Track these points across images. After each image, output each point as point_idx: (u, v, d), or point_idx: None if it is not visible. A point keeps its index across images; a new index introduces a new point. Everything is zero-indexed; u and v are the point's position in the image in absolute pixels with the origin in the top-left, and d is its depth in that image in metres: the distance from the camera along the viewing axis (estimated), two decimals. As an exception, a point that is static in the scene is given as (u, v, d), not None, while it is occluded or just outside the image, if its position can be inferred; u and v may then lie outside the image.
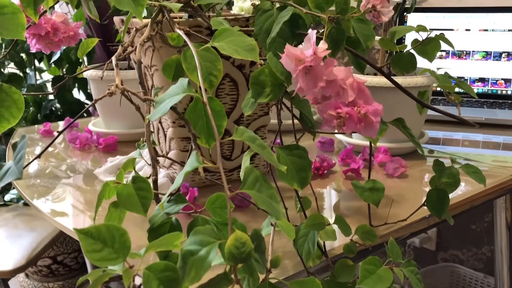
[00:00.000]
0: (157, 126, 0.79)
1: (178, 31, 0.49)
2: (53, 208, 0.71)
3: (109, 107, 1.00)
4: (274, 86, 0.51)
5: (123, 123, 1.00)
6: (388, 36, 0.54)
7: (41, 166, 0.88)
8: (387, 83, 0.83)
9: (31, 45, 0.70)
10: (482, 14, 1.34)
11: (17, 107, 0.44)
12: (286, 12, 0.52)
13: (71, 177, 0.84)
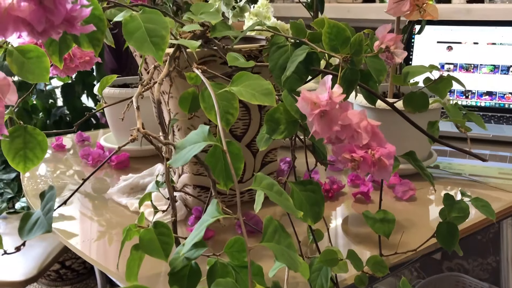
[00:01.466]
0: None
1: (196, 71, 0.51)
2: (64, 228, 0.72)
3: (120, 123, 1.01)
4: (288, 123, 0.52)
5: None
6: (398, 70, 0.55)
7: (53, 182, 0.90)
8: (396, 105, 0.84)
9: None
10: (490, 27, 1.35)
11: (41, 148, 0.45)
12: (301, 50, 0.53)
13: (83, 194, 0.85)
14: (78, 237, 0.70)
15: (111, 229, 0.72)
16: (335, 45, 0.50)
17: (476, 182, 0.92)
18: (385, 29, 0.52)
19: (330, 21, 0.50)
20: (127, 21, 0.45)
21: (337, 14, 1.84)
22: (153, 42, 0.46)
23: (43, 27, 0.33)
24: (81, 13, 0.35)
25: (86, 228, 0.75)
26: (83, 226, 0.76)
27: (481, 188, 0.89)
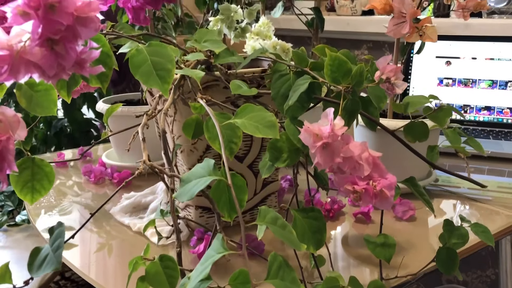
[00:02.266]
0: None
1: (200, 101, 0.52)
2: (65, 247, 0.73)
3: (122, 140, 1.02)
4: (291, 151, 0.53)
5: (136, 156, 1.02)
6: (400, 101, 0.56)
7: (55, 198, 0.91)
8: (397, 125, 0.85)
9: None
10: (489, 43, 1.36)
11: (48, 179, 0.46)
12: (303, 80, 0.54)
13: (84, 211, 0.86)
14: (79, 256, 0.71)
15: (113, 250, 0.73)
16: (336, 77, 0.51)
17: (475, 198, 0.93)
18: (386, 60, 0.53)
19: (332, 53, 0.51)
20: (134, 54, 0.46)
21: (337, 27, 1.86)
22: (159, 76, 0.46)
23: (55, 72, 0.34)
24: (90, 55, 0.36)
25: (86, 247, 0.76)
26: (84, 246, 0.76)
27: (480, 202, 0.90)
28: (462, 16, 0.92)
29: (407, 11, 0.79)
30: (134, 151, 1.03)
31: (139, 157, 1.06)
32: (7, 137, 0.37)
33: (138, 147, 1.04)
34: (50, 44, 0.33)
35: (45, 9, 0.32)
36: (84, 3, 0.33)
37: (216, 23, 0.88)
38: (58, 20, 0.32)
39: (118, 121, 1.00)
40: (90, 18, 0.33)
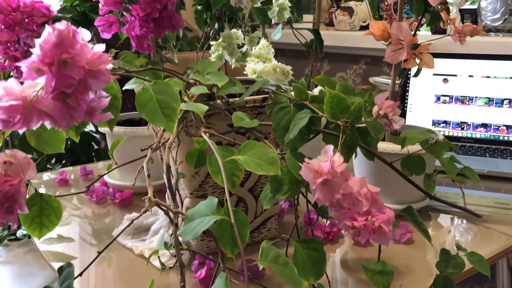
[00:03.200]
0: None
1: (204, 136, 0.53)
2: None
3: (124, 159, 1.03)
4: (292, 183, 0.55)
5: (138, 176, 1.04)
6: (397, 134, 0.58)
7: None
8: (395, 149, 0.86)
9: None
10: (485, 61, 1.38)
11: (56, 214, 0.47)
12: (304, 114, 0.55)
13: (87, 233, 0.87)
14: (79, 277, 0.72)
15: (115, 273, 0.74)
16: (336, 113, 0.52)
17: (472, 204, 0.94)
18: (383, 97, 0.54)
19: (331, 91, 0.52)
20: (140, 93, 0.48)
21: (335, 41, 1.88)
22: (164, 114, 0.48)
23: (66, 122, 0.35)
24: (100, 103, 0.37)
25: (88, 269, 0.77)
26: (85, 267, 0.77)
27: (476, 223, 0.91)
28: (459, 40, 0.94)
29: (404, 38, 0.81)
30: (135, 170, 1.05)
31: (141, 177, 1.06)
32: (19, 180, 0.39)
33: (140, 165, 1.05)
34: (63, 96, 0.34)
35: (59, 64, 0.33)
36: (95, 56, 0.35)
37: (217, 47, 0.90)
38: (70, 75, 0.33)
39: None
40: (101, 71, 0.35)
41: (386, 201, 0.90)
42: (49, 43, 0.33)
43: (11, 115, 0.34)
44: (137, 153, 0.79)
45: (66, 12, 0.88)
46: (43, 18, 0.91)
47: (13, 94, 0.35)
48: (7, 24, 0.90)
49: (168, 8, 0.74)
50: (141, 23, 0.71)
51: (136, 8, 0.71)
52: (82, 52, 0.34)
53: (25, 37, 0.88)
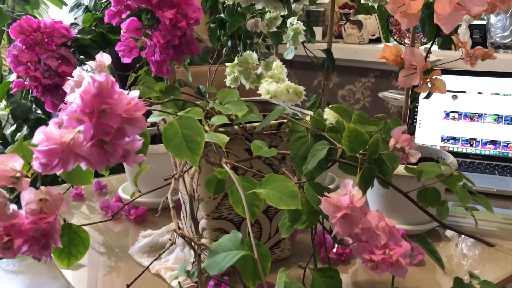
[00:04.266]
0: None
1: (225, 167, 0.55)
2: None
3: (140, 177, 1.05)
4: (310, 213, 0.56)
5: (152, 192, 1.05)
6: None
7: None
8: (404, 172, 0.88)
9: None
10: (494, 78, 1.39)
11: (84, 244, 0.49)
12: (321, 146, 0.57)
13: (101, 247, 0.89)
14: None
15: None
16: (354, 146, 0.54)
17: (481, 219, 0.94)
18: (400, 130, 0.56)
19: (350, 126, 0.54)
20: (166, 129, 0.50)
21: (344, 55, 1.90)
22: (189, 148, 0.50)
23: (103, 166, 0.37)
24: (134, 146, 0.39)
25: (106, 285, 0.78)
26: (104, 285, 0.79)
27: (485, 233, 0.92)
28: (470, 63, 0.95)
29: (417, 63, 0.83)
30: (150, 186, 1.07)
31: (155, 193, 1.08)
32: (54, 217, 0.41)
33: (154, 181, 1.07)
34: (100, 143, 0.36)
35: (98, 114, 0.35)
36: (131, 104, 0.36)
37: (233, 69, 0.92)
38: (109, 124, 0.35)
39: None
40: (137, 118, 0.36)
41: (397, 221, 0.92)
42: (89, 93, 0.34)
43: (51, 159, 0.36)
44: (153, 170, 0.80)
45: (85, 33, 0.90)
46: (63, 38, 0.94)
47: (52, 139, 0.36)
48: (27, 44, 0.92)
49: (187, 34, 0.76)
50: (161, 49, 0.73)
51: (156, 35, 0.73)
52: (120, 101, 0.35)
53: (45, 58, 0.91)
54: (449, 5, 0.75)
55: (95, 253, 0.89)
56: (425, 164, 0.60)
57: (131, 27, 0.73)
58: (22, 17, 0.93)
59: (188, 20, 0.74)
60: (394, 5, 0.79)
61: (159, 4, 0.73)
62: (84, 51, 0.93)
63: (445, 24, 0.77)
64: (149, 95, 0.73)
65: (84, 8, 1.53)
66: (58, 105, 0.95)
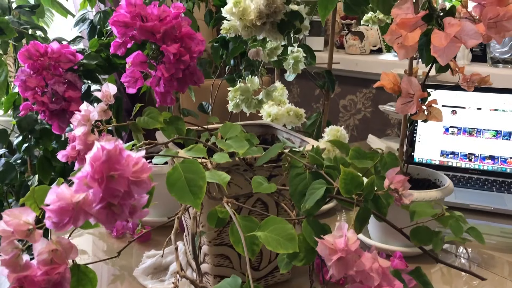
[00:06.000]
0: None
1: (226, 207, 0.57)
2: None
3: (143, 195, 1.07)
4: (308, 251, 0.59)
5: (156, 211, 1.08)
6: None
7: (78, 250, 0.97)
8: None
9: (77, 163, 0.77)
10: (493, 94, 1.41)
11: (92, 284, 0.51)
12: (319, 185, 0.59)
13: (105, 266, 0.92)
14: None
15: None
16: (349, 188, 0.56)
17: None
18: (394, 171, 0.58)
19: (346, 169, 0.56)
20: (170, 174, 0.52)
21: (346, 66, 1.92)
22: (192, 192, 0.52)
23: (111, 226, 0.39)
24: (140, 201, 0.42)
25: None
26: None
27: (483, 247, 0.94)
28: (467, 87, 0.97)
29: (414, 92, 0.85)
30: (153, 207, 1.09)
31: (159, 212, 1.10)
32: (65, 267, 0.43)
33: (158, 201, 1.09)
34: (109, 205, 0.38)
35: (107, 179, 0.37)
36: (138, 167, 0.39)
37: (235, 94, 0.94)
38: (116, 188, 0.37)
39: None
40: (143, 180, 0.39)
41: (394, 244, 0.94)
42: (98, 160, 0.37)
43: (62, 218, 0.39)
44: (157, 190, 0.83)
45: (91, 58, 0.93)
46: (69, 63, 0.96)
47: (64, 199, 0.39)
48: (35, 69, 0.95)
49: (190, 65, 0.78)
50: (165, 82, 0.76)
51: (161, 68, 0.75)
52: (127, 166, 0.38)
53: (53, 83, 0.93)
54: (445, 38, 0.77)
55: (98, 273, 0.92)
56: (418, 204, 0.62)
57: (136, 61, 0.75)
58: (30, 42, 0.96)
59: (192, 53, 0.76)
60: (392, 37, 0.81)
61: (163, 38, 0.75)
62: (90, 75, 0.95)
63: (441, 56, 0.79)
64: (153, 126, 0.75)
65: (89, 23, 1.56)
66: (65, 128, 0.98)
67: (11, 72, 2.29)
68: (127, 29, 0.76)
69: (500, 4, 0.80)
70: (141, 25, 0.74)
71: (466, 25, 0.76)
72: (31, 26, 1.74)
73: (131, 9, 0.77)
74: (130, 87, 0.79)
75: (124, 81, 0.79)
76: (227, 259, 0.80)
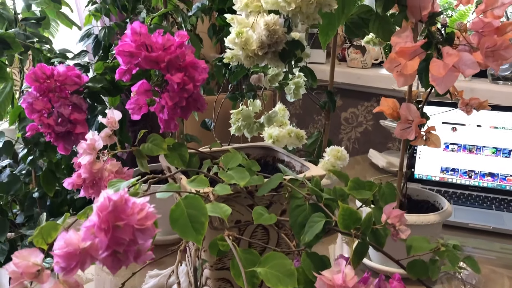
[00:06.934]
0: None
1: (227, 240, 0.59)
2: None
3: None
4: (307, 283, 0.60)
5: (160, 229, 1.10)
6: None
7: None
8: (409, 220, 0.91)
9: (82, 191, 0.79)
10: (493, 112, 1.43)
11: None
12: (319, 218, 0.61)
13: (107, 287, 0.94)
14: None
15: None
16: (348, 224, 0.58)
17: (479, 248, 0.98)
18: (391, 206, 0.59)
19: (344, 205, 0.58)
20: (173, 210, 0.54)
21: (347, 79, 1.93)
22: (194, 228, 0.54)
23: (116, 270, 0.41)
24: (144, 246, 0.43)
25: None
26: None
27: (485, 263, 0.95)
28: (466, 111, 0.99)
29: (413, 118, 0.86)
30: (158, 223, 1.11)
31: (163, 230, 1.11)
32: (71, 307, 0.45)
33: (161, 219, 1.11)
34: (114, 252, 0.40)
35: (113, 228, 0.39)
36: (142, 215, 0.40)
37: (237, 118, 0.96)
38: (122, 237, 0.39)
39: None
40: (148, 228, 0.41)
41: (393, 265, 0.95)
42: (105, 210, 0.39)
43: (69, 262, 0.40)
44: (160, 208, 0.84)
45: (96, 82, 0.94)
46: (75, 86, 0.98)
47: (71, 245, 0.41)
48: (41, 91, 0.96)
49: (194, 93, 0.80)
50: (169, 110, 0.77)
51: (165, 97, 0.77)
52: (132, 215, 0.39)
53: (59, 106, 0.95)
54: (444, 68, 0.79)
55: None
56: (415, 238, 0.64)
57: (141, 89, 0.77)
58: (37, 65, 0.98)
59: (195, 82, 0.78)
60: (391, 65, 0.83)
61: (168, 67, 0.77)
62: (95, 97, 0.97)
63: (439, 85, 0.81)
64: (157, 153, 0.77)
65: (94, 38, 1.58)
66: (70, 149, 1.00)
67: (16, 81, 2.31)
68: (132, 58, 0.78)
69: (497, 33, 0.82)
70: (146, 55, 0.75)
71: (464, 55, 0.78)
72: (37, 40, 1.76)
73: (136, 37, 0.78)
74: (135, 114, 0.81)
75: (129, 108, 0.81)
76: (229, 283, 0.82)
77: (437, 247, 0.61)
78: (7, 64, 1.86)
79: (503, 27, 0.81)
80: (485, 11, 0.82)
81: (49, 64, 1.67)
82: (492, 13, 0.82)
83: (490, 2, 0.82)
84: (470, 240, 1.20)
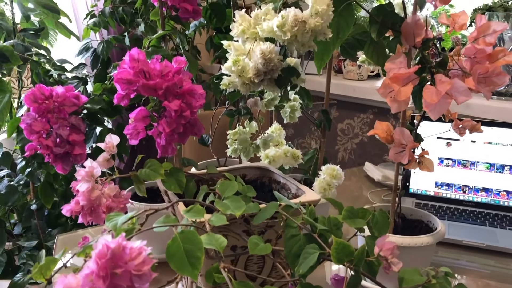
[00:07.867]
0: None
1: (223, 272, 0.60)
2: None
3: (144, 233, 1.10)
4: (300, 311, 0.61)
5: (155, 247, 1.11)
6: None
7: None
8: (404, 242, 0.92)
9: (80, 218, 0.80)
10: (487, 127, 1.44)
11: None
12: (313, 250, 0.62)
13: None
14: None
15: None
16: (341, 257, 0.59)
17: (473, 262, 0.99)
18: (384, 239, 0.61)
19: (337, 239, 0.59)
20: (170, 245, 0.55)
21: (343, 91, 1.95)
22: (190, 263, 0.55)
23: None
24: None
25: None
26: None
27: (478, 276, 0.97)
28: (459, 133, 1.00)
29: (407, 143, 0.88)
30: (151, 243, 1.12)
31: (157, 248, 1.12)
32: None
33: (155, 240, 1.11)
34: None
35: (111, 276, 0.40)
36: (139, 260, 0.42)
37: (234, 137, 0.97)
38: (120, 284, 0.40)
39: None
40: (145, 273, 0.42)
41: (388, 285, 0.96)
42: (104, 258, 0.40)
43: (69, 306, 0.41)
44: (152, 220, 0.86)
45: (95, 103, 0.96)
46: (74, 107, 0.99)
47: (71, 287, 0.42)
48: (40, 112, 0.98)
49: (191, 119, 0.81)
50: (166, 136, 0.79)
51: (162, 123, 0.78)
52: (130, 262, 0.41)
53: (57, 127, 0.96)
54: (437, 95, 0.80)
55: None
56: (406, 271, 0.65)
57: (139, 116, 0.78)
58: (36, 85, 0.99)
59: (192, 109, 0.79)
60: (385, 90, 0.84)
61: (165, 94, 0.79)
62: (93, 118, 0.98)
63: (432, 111, 0.82)
64: (155, 178, 0.78)
65: (92, 51, 1.59)
66: (68, 169, 1.01)
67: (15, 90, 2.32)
68: (130, 85, 0.79)
69: (489, 59, 0.84)
70: (144, 83, 0.77)
71: (456, 82, 0.79)
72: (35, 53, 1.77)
73: (134, 64, 0.80)
74: (133, 139, 0.82)
75: (127, 133, 0.82)
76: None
77: (428, 279, 0.62)
78: (6, 73, 1.87)
79: (495, 54, 0.83)
80: (477, 38, 0.84)
81: (48, 77, 1.68)
82: (484, 40, 0.83)
83: (482, 29, 0.83)
84: (464, 255, 1.21)
